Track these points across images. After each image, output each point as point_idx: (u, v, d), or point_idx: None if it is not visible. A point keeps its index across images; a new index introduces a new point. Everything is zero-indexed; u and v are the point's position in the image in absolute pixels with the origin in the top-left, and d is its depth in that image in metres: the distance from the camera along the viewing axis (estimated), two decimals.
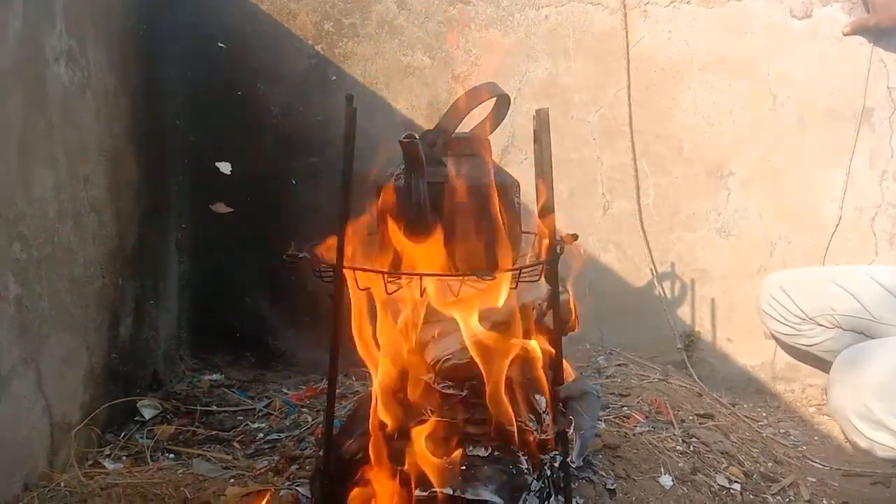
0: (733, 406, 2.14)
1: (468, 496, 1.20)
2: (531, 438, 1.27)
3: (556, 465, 1.26)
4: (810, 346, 2.06)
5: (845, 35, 2.31)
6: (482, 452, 1.26)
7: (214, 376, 2.31)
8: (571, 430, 1.27)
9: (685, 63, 2.33)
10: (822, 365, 2.01)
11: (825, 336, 1.98)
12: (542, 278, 1.25)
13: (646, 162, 2.36)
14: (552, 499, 1.26)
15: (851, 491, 1.77)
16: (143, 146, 2.05)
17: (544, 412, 1.29)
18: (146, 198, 2.08)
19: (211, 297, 2.41)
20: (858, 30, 2.30)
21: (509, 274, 1.21)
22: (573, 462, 1.25)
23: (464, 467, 1.23)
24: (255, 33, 2.28)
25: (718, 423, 1.91)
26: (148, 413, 1.95)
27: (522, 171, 1.65)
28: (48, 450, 1.57)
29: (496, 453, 1.25)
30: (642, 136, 2.35)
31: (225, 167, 2.17)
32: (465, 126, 1.31)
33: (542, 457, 1.27)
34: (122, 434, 1.84)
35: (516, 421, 1.27)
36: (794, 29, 2.31)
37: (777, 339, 2.17)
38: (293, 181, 2.33)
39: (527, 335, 1.30)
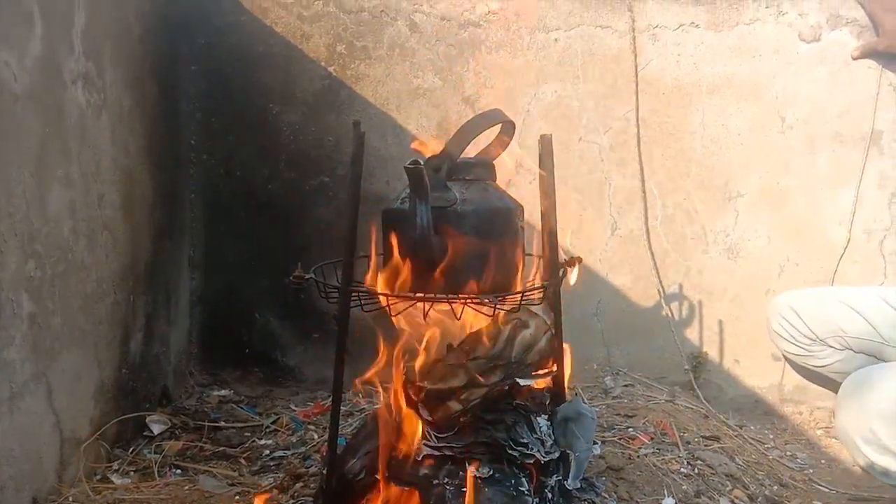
0: (740, 428, 2.13)
1: None
2: (532, 460, 1.28)
3: (555, 487, 1.27)
4: (821, 367, 2.05)
5: (854, 59, 2.31)
6: (484, 473, 1.27)
7: (223, 392, 2.34)
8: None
9: (693, 85, 2.34)
10: (833, 386, 1.99)
11: (835, 358, 1.96)
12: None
13: (654, 183, 2.37)
14: None
15: None
16: (158, 165, 2.09)
17: (546, 434, 1.30)
18: (160, 216, 2.11)
19: (221, 314, 2.43)
20: (868, 53, 2.31)
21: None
22: (569, 485, 1.25)
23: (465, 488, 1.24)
24: (269, 54, 2.31)
25: (724, 446, 1.91)
26: (157, 428, 1.98)
27: (529, 193, 1.67)
28: (58, 464, 1.59)
29: (497, 475, 1.26)
30: (651, 158, 2.36)
31: None
32: (472, 151, 1.33)
33: (542, 479, 1.28)
34: (131, 449, 1.87)
35: (518, 443, 1.28)
36: (803, 52, 2.32)
37: (787, 360, 2.16)
38: (305, 200, 2.37)
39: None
